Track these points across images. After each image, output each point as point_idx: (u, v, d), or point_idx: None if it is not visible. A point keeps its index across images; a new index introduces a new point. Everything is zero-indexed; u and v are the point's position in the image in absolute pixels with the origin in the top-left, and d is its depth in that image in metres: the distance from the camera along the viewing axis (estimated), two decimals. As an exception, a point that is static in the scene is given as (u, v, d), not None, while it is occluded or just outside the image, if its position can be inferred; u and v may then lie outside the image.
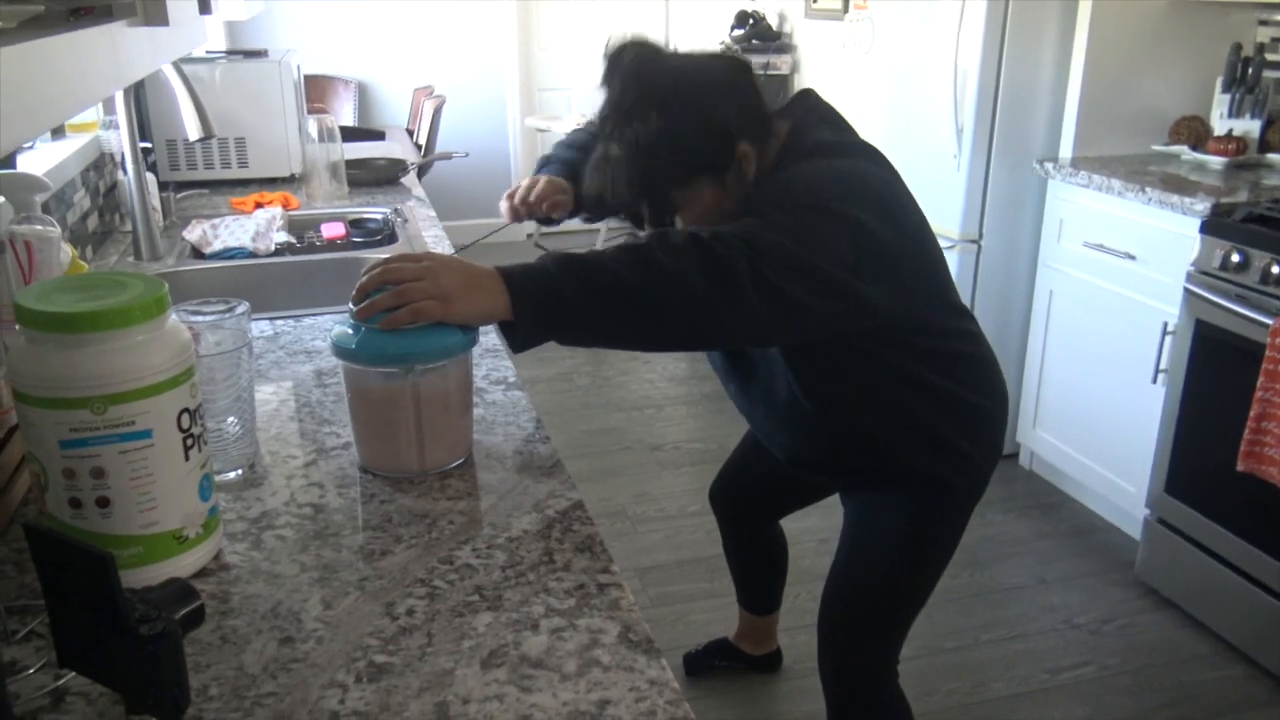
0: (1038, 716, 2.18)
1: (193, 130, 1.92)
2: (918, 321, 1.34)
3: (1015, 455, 3.27)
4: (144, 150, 2.46)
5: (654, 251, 1.09)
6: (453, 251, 2.04)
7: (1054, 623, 2.50)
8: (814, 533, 2.68)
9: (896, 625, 1.57)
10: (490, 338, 1.55)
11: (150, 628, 0.60)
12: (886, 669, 1.60)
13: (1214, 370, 2.35)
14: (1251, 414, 2.14)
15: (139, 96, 2.64)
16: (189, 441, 0.89)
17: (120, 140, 2.03)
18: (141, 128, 2.58)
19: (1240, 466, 2.18)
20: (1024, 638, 2.44)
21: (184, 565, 0.92)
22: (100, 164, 2.36)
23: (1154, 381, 2.55)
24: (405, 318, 1.06)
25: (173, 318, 0.90)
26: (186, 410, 0.89)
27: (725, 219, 1.29)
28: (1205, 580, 2.42)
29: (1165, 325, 2.50)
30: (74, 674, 0.75)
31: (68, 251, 1.33)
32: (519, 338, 1.09)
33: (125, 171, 2.03)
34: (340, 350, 1.11)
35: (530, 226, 5.47)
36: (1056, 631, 2.46)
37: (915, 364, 1.37)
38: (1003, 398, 1.50)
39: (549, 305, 1.07)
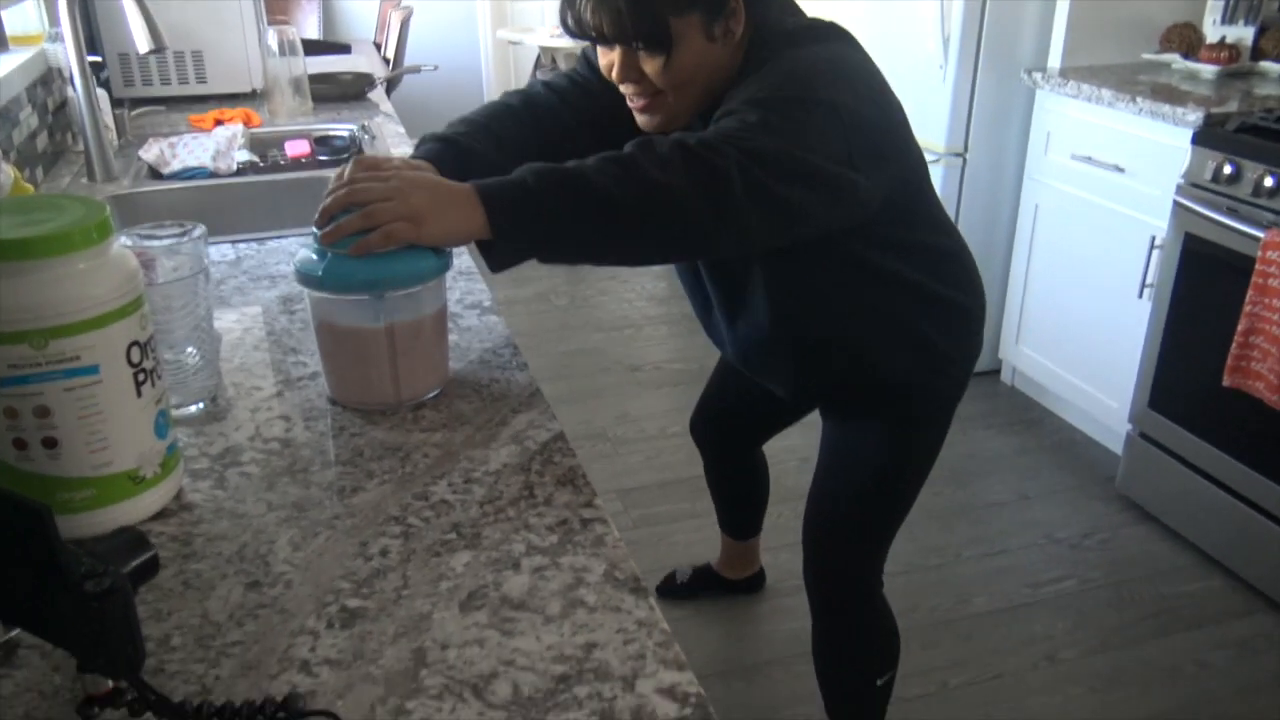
0: (1020, 630, 2.19)
1: (142, 43, 1.81)
2: (901, 210, 1.29)
3: (997, 371, 3.25)
4: (95, 65, 2.33)
5: (639, 161, 1.02)
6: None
7: (1035, 538, 2.50)
8: (794, 451, 2.66)
9: (880, 534, 1.55)
10: (463, 259, 1.49)
11: (96, 584, 0.55)
12: (872, 579, 1.59)
13: (1201, 285, 2.32)
14: (1239, 328, 2.11)
15: (85, 6, 2.50)
16: (141, 376, 0.83)
17: (67, 54, 1.91)
18: (90, 40, 2.45)
19: (1226, 381, 2.16)
20: (1006, 553, 2.45)
21: (142, 507, 0.86)
22: (48, 79, 2.24)
23: (1140, 296, 2.51)
24: (376, 242, 0.99)
25: (119, 243, 0.83)
26: (136, 343, 0.82)
27: (703, 94, 1.22)
28: (1186, 494, 2.42)
29: (1153, 239, 2.46)
30: (25, 627, 0.70)
31: (9, 173, 1.25)
32: (497, 258, 1.02)
33: (74, 87, 1.92)
34: (305, 278, 1.04)
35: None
36: (1038, 546, 2.47)
37: (894, 261, 1.32)
38: (981, 295, 1.46)
39: (530, 223, 1.01)
